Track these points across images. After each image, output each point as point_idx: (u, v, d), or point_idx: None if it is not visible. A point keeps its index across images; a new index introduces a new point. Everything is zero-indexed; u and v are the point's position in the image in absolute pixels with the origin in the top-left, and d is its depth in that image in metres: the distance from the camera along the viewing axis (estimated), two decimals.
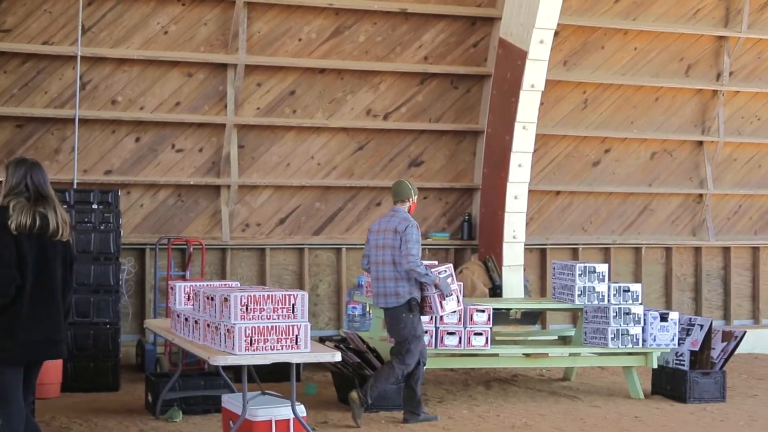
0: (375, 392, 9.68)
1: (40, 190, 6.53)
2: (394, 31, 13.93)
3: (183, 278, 12.07)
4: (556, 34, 13.56)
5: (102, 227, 11.24)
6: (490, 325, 10.75)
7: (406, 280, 9.64)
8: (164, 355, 11.82)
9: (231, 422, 8.12)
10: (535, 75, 13.32)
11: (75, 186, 12.30)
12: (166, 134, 13.19)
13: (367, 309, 12.42)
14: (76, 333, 10.97)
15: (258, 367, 8.32)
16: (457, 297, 10.00)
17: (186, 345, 8.33)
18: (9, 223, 6.30)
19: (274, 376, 9.73)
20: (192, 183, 13.25)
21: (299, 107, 13.68)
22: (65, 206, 11.09)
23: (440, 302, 9.77)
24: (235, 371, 9.73)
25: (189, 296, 9.00)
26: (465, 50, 14.28)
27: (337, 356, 7.99)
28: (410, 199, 9.97)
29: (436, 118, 14.29)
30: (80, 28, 12.53)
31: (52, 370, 10.47)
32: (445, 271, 9.92)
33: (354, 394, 9.58)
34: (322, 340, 11.50)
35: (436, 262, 10.55)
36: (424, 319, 10.04)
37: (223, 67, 13.25)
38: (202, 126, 13.29)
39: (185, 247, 12.64)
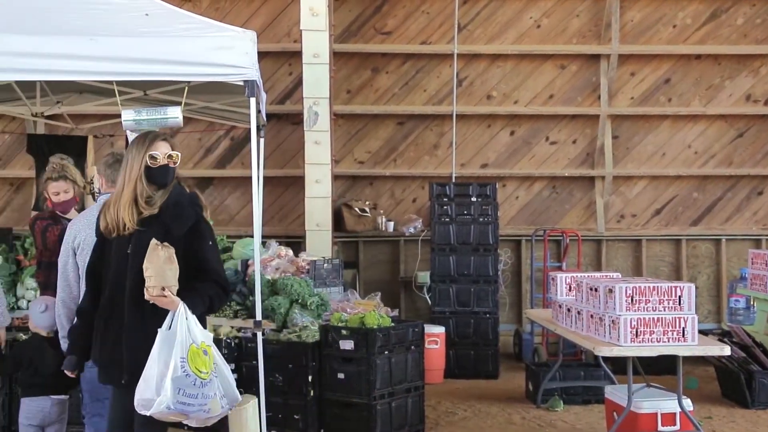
0: None
1: None
2: None
3: (559, 269, 12.13)
4: None
5: (481, 219, 11.54)
6: None
7: None
8: (542, 344, 11.95)
9: (615, 414, 8.09)
10: None
11: (453, 180, 12.73)
12: (540, 127, 13.33)
13: (751, 302, 11.92)
14: (457, 321, 11.35)
15: (638, 359, 8.23)
16: None
17: (569, 335, 8.38)
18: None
19: (652, 369, 9.54)
20: (566, 175, 13.30)
21: (674, 95, 13.36)
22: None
23: None
24: (613, 362, 9.68)
25: (570, 287, 9.04)
26: None
27: (726, 350, 7.75)
28: None
29: None
30: (456, 26, 12.94)
31: (437, 358, 10.88)
32: None
33: None
34: (702, 333, 11.16)
35: None
36: None
37: (596, 57, 13.20)
38: (576, 118, 13.31)
39: (561, 238, 12.70)
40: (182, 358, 4.98)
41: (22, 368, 6.54)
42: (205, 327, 5.28)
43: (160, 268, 5.00)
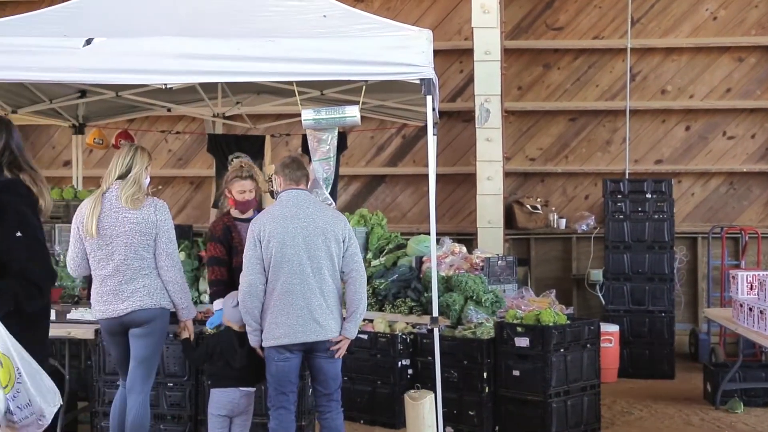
0: None
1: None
2: None
3: (737, 267, 11.79)
4: None
5: (656, 216, 11.32)
6: None
7: None
8: (719, 344, 11.65)
9: None
10: None
11: (627, 176, 12.54)
12: (716, 121, 12.99)
13: None
14: (631, 320, 11.18)
15: None
16: None
17: (751, 335, 8.15)
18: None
19: None
20: (744, 170, 12.92)
21: None
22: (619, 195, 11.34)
23: None
24: None
25: (752, 286, 8.78)
26: None
27: None
28: None
29: None
30: (629, 20, 12.74)
31: (611, 357, 10.73)
32: None
33: None
34: None
35: None
36: None
37: None
38: (755, 111, 12.92)
39: (739, 235, 12.34)
40: None
41: (212, 360, 6.77)
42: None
43: None
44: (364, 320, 8.94)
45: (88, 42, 7.11)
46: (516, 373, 8.22)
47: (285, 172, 6.69)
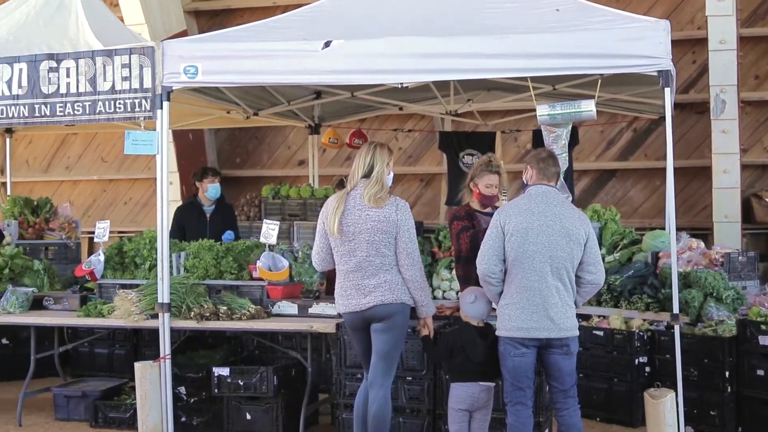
0: None
1: None
2: None
3: None
4: None
5: None
6: None
7: None
8: None
9: None
10: None
11: None
12: None
13: None
14: None
15: None
16: None
17: None
18: None
19: None
20: None
21: None
22: None
23: None
24: None
25: None
26: None
27: None
28: None
29: None
30: None
31: None
32: None
33: None
34: None
35: None
36: None
37: None
38: None
39: None
40: None
41: (452, 355, 6.84)
42: None
43: None
44: (599, 316, 8.90)
45: (327, 44, 7.32)
46: (760, 372, 7.90)
47: (540, 166, 6.64)
